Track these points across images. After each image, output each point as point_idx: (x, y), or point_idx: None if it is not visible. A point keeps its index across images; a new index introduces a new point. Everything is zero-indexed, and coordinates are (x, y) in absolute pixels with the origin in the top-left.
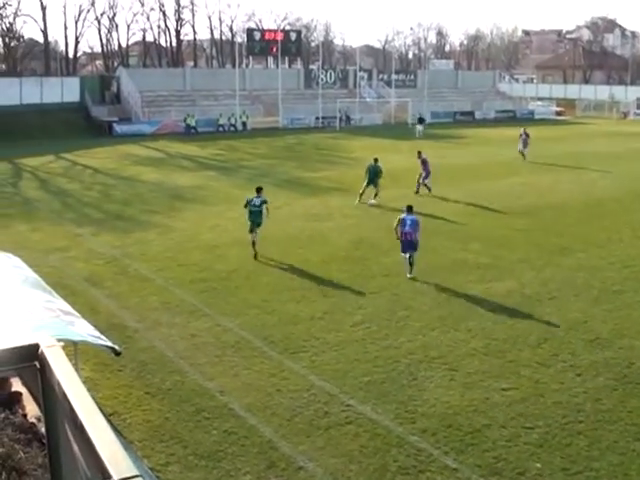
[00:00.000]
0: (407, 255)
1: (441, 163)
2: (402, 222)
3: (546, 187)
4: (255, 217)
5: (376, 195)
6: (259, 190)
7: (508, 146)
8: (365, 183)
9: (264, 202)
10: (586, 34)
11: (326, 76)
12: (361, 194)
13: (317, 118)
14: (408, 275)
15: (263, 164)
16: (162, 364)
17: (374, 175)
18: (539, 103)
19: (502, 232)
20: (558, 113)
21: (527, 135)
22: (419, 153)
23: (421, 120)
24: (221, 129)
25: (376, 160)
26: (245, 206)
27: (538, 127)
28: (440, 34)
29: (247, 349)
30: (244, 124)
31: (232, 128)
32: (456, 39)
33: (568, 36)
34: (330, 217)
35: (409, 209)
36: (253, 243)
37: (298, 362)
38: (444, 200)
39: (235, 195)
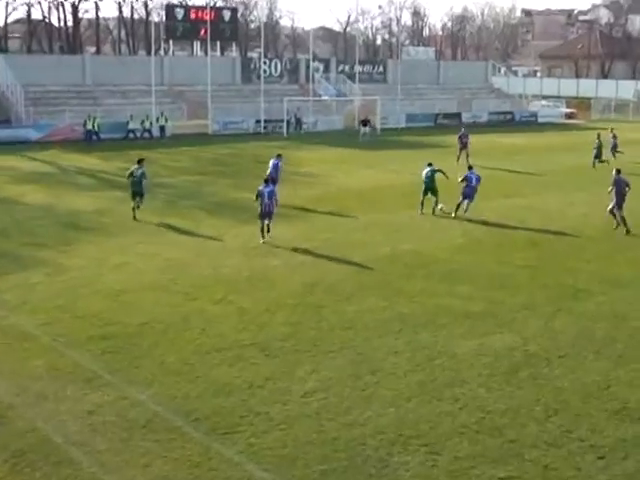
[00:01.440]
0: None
1: (412, 180)
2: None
3: (555, 210)
4: (136, 187)
5: (437, 202)
6: (140, 161)
7: (504, 157)
8: (422, 192)
9: (144, 174)
10: (605, 15)
11: (270, 67)
12: (422, 203)
13: (258, 122)
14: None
15: (187, 182)
16: (47, 453)
17: (430, 182)
18: (544, 103)
19: (499, 269)
20: (568, 116)
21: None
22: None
23: (365, 122)
24: (132, 135)
25: (430, 164)
26: (128, 177)
27: (542, 134)
28: (417, 14)
29: (162, 430)
30: (162, 129)
31: (147, 134)
32: (437, 21)
33: (581, 18)
34: (276, 252)
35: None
36: (133, 209)
37: (231, 446)
38: (421, 228)
39: (148, 223)
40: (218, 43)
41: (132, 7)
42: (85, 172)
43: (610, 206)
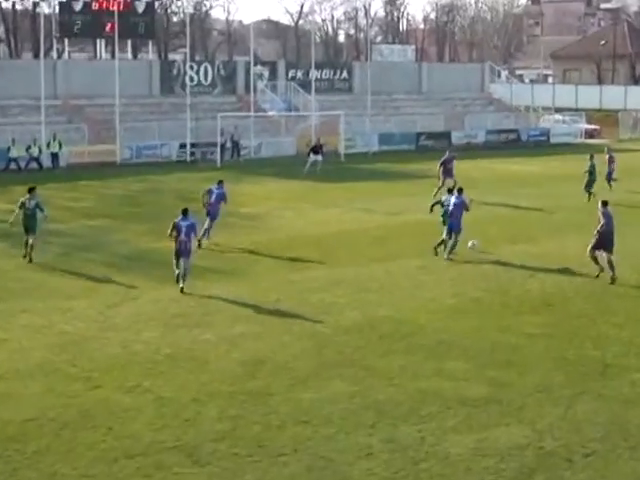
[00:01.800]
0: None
1: (388, 222)
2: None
3: (574, 259)
4: (29, 221)
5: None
6: (31, 190)
7: (508, 190)
8: (445, 231)
9: (38, 205)
10: (635, 3)
11: (198, 73)
12: (439, 245)
13: (183, 146)
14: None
15: (88, 228)
16: None
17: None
18: (558, 117)
19: (503, 339)
20: (590, 134)
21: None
22: None
23: (316, 149)
24: (14, 166)
25: (454, 191)
26: (20, 207)
27: (557, 158)
28: (391, 3)
29: None
30: (55, 157)
31: (34, 164)
32: (418, 11)
33: (604, 6)
34: (208, 320)
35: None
36: (26, 244)
37: None
38: (400, 286)
39: (35, 284)
40: (129, 42)
41: None
42: None
43: (590, 245)
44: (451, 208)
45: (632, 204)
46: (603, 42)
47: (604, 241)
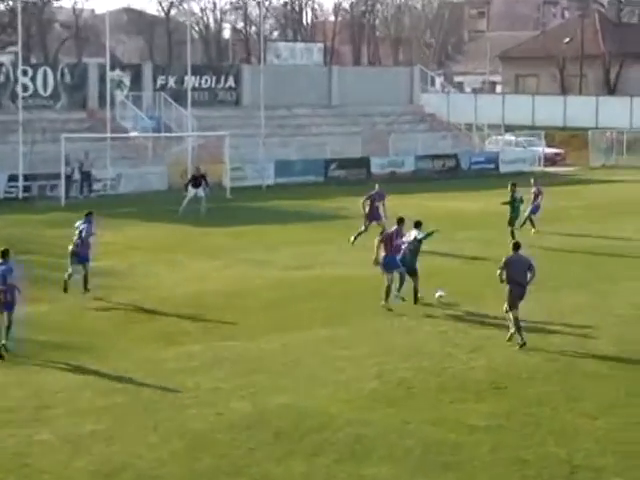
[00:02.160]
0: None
1: (297, 278)
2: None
3: (531, 325)
4: None
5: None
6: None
7: (445, 235)
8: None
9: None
10: None
11: (34, 80)
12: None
13: (14, 179)
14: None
15: None
16: None
17: (413, 256)
18: (509, 138)
19: (440, 434)
20: (551, 160)
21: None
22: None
23: (197, 181)
24: None
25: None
26: None
27: (507, 192)
28: None
29: None
30: None
31: None
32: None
33: None
34: (47, 416)
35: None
36: None
37: None
38: (303, 364)
39: None
40: None
41: None
42: None
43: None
44: (404, 244)
45: (614, 252)
46: (567, 39)
47: (513, 292)
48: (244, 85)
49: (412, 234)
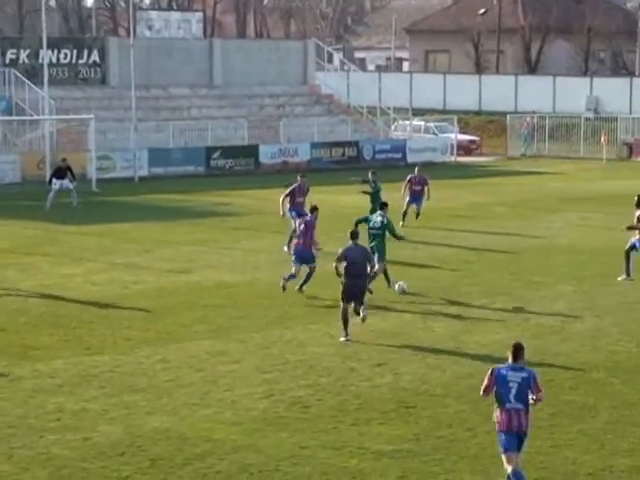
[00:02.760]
0: None
1: (175, 284)
2: None
3: (445, 337)
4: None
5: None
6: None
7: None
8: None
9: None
10: None
11: None
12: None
13: None
14: None
15: None
16: None
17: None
18: (417, 124)
19: (339, 460)
20: (465, 149)
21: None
22: None
23: (60, 172)
24: None
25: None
26: None
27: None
28: None
29: None
30: None
31: None
32: None
33: None
34: None
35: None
36: None
37: None
38: (183, 382)
39: None
40: None
41: None
42: None
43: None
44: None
45: (537, 253)
46: (482, 11)
47: (351, 288)
48: (111, 61)
49: (377, 219)
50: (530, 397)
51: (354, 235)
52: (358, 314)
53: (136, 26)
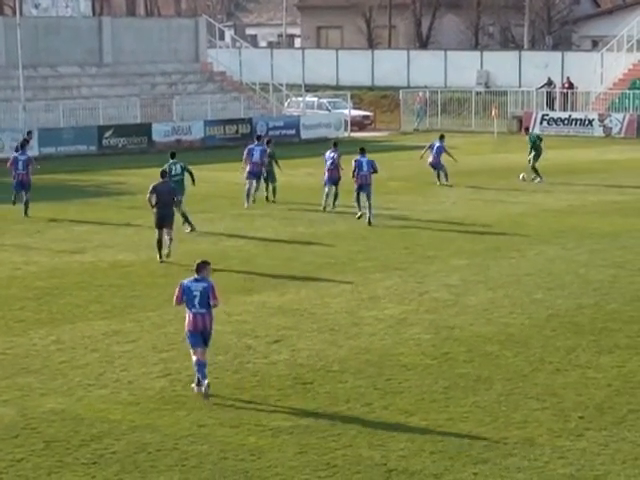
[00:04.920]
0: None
1: (68, 265)
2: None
3: (343, 313)
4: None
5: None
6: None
7: (241, 211)
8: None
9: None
10: None
11: None
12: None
13: None
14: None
15: None
16: None
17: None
18: (311, 100)
19: (237, 438)
20: (359, 125)
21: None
22: None
23: None
24: None
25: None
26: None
27: (309, 162)
28: None
29: None
30: None
31: None
32: None
33: None
34: None
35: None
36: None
37: None
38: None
39: None
40: None
41: None
42: None
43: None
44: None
45: (431, 227)
46: None
47: (161, 216)
48: None
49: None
50: (212, 303)
51: (163, 174)
52: (170, 238)
53: (22, 4)
